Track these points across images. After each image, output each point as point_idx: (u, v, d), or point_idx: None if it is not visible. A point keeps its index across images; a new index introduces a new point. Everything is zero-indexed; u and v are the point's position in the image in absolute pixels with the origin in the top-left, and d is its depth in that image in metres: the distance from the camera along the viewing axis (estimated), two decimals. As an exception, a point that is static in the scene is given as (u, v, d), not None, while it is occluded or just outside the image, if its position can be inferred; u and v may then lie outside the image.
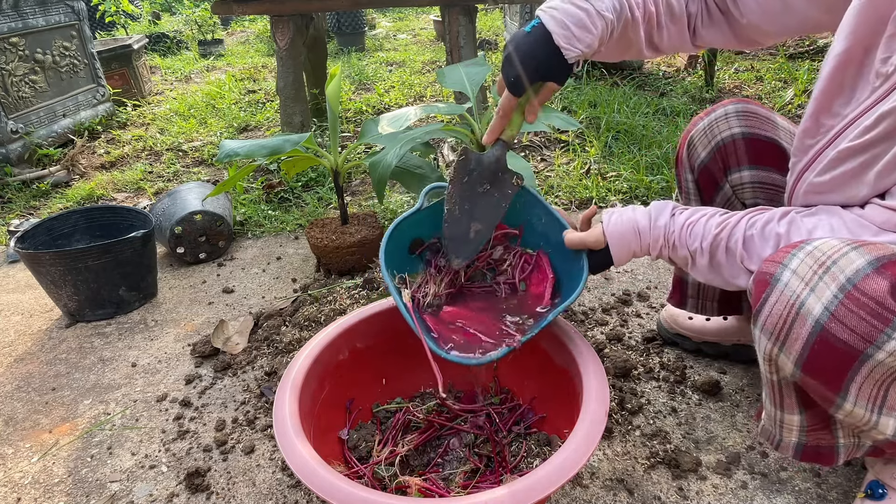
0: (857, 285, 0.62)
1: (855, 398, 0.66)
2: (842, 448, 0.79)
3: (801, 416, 0.78)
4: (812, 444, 0.80)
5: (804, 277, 0.65)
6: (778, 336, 0.68)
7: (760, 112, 1.03)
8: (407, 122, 1.37)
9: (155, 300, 1.68)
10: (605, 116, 2.62)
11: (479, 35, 5.04)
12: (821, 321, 0.64)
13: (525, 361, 1.08)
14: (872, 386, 0.65)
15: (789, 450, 0.81)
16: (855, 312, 0.62)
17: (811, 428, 0.79)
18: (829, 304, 0.63)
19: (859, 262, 0.63)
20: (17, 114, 2.63)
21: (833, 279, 0.63)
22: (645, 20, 0.91)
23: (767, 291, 0.69)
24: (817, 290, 0.64)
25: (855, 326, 0.62)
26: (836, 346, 0.64)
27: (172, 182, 2.52)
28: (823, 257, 0.65)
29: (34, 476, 1.11)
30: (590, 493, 0.99)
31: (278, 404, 0.88)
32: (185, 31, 5.69)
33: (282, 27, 2.38)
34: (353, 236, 1.63)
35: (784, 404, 0.79)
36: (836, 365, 0.65)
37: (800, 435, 0.80)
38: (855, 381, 0.65)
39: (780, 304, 0.67)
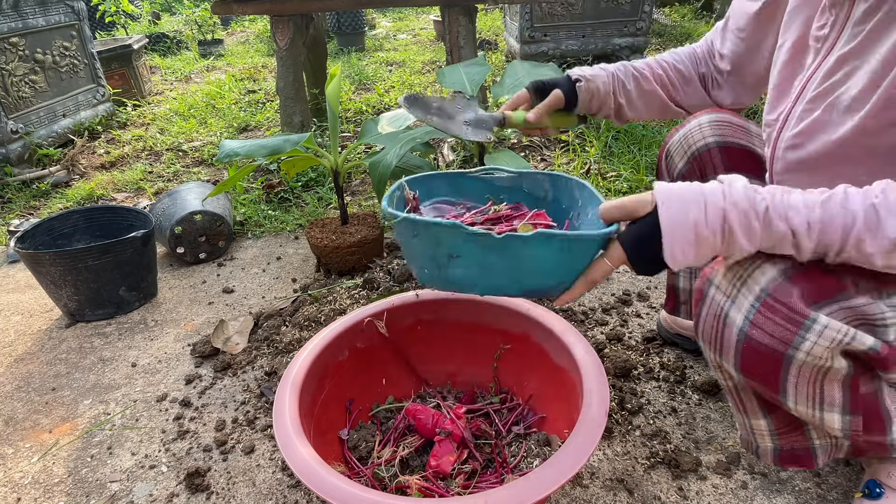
0: (770, 293, 0.66)
1: (794, 397, 0.70)
2: (818, 449, 0.81)
3: (767, 419, 0.82)
4: (787, 447, 0.82)
5: (725, 291, 0.70)
6: (714, 345, 0.74)
7: (734, 121, 1.05)
8: (407, 122, 1.38)
9: (155, 300, 1.68)
10: (605, 116, 2.62)
11: (479, 35, 5.04)
12: (743, 329, 0.68)
13: (525, 361, 1.09)
14: (807, 384, 0.69)
15: (768, 456, 0.84)
16: (770, 318, 0.66)
17: (781, 431, 0.82)
18: (747, 314, 0.68)
19: (771, 273, 0.67)
20: (17, 114, 2.63)
21: (749, 290, 0.68)
22: (657, 80, 1.05)
23: (700, 305, 0.74)
24: (737, 301, 0.69)
25: (773, 331, 0.66)
26: (761, 351, 0.68)
27: (172, 182, 2.52)
28: (741, 270, 0.69)
29: (34, 476, 1.11)
30: (590, 493, 0.99)
31: (278, 404, 0.88)
32: (185, 31, 5.69)
33: (282, 27, 2.38)
34: (353, 236, 1.63)
35: (747, 409, 0.83)
36: (767, 368, 0.69)
37: (773, 439, 0.83)
38: (789, 380, 0.69)
39: (710, 317, 0.73)
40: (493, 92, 1.52)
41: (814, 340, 0.65)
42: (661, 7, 5.31)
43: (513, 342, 1.10)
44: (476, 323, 1.12)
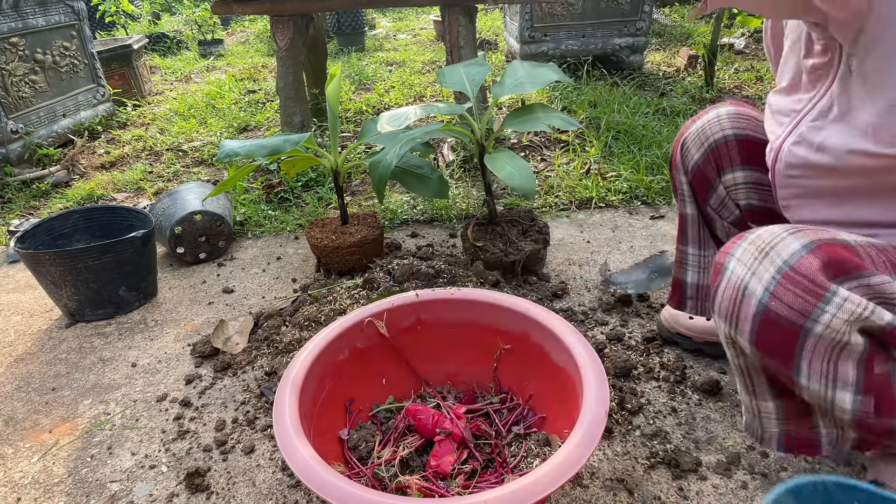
0: (793, 266, 0.68)
1: (808, 373, 0.71)
2: (824, 437, 0.81)
3: (776, 402, 0.82)
4: (793, 433, 0.82)
5: (747, 263, 0.72)
6: (730, 318, 0.74)
7: (753, 114, 1.05)
8: (407, 121, 1.38)
9: (155, 300, 1.68)
10: (605, 116, 2.62)
11: (479, 35, 5.04)
12: (763, 300, 0.70)
13: (525, 361, 1.09)
14: (821, 361, 0.70)
15: (773, 442, 0.84)
16: (791, 290, 0.68)
17: (787, 416, 0.82)
18: (768, 285, 0.69)
19: (795, 246, 0.69)
20: (17, 114, 2.63)
21: (771, 262, 0.70)
22: None
23: (719, 279, 0.76)
24: (758, 273, 0.70)
25: (792, 303, 0.68)
26: (779, 323, 0.69)
27: (172, 182, 2.52)
28: (763, 244, 0.72)
29: (34, 476, 1.11)
30: (590, 493, 0.99)
31: (278, 404, 0.88)
32: (185, 31, 5.69)
33: (282, 27, 2.38)
34: (353, 236, 1.63)
35: (756, 390, 0.82)
36: (783, 341, 0.70)
37: (779, 424, 0.82)
38: (804, 356, 0.70)
39: (728, 289, 0.74)
40: (493, 92, 1.52)
41: (833, 313, 0.66)
42: (661, 7, 5.31)
43: (513, 342, 1.10)
44: (476, 323, 1.12)
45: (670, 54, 3.95)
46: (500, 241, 1.58)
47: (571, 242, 1.82)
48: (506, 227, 1.62)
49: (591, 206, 2.05)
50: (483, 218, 1.66)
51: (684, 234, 1.20)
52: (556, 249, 1.78)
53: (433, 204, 2.09)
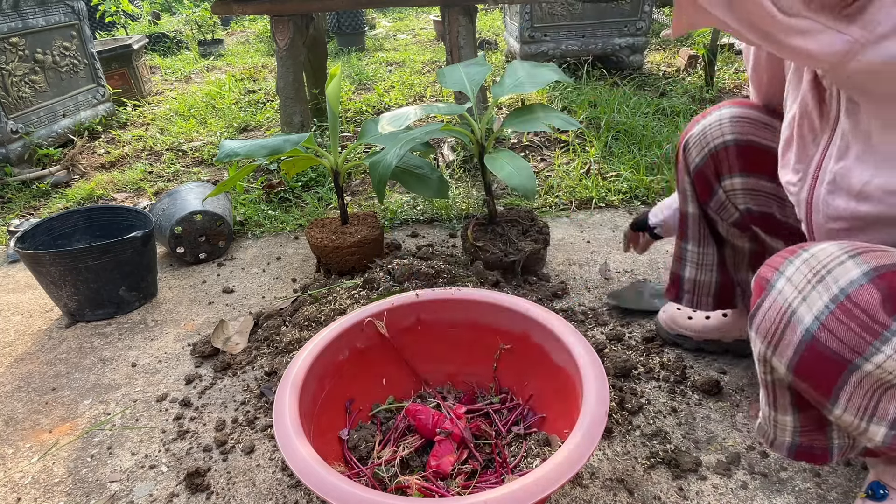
0: (850, 296, 0.62)
1: (845, 406, 0.67)
2: (836, 448, 0.80)
3: (795, 416, 0.79)
4: (806, 444, 0.81)
5: (798, 286, 0.66)
6: (770, 340, 0.70)
7: (757, 117, 1.02)
8: (407, 121, 1.38)
9: (155, 300, 1.68)
10: (605, 116, 2.62)
11: (479, 35, 5.04)
12: (811, 331, 0.64)
13: (525, 361, 1.09)
14: (863, 395, 0.65)
15: (783, 449, 0.83)
16: (845, 324, 0.62)
17: (805, 429, 0.80)
18: (819, 315, 0.64)
19: (854, 273, 0.63)
20: (17, 114, 2.63)
21: (826, 289, 0.64)
22: None
23: (763, 296, 0.70)
24: (809, 299, 0.65)
25: (844, 337, 0.62)
26: (825, 355, 0.64)
27: (172, 182, 2.52)
28: (819, 265, 0.65)
29: (34, 476, 1.11)
30: (590, 493, 0.99)
31: (278, 404, 0.88)
32: (185, 31, 5.69)
33: (282, 27, 2.38)
34: (353, 236, 1.63)
35: (778, 405, 0.80)
36: (826, 373, 0.65)
37: (793, 435, 0.81)
38: (845, 389, 0.65)
39: (773, 311, 0.69)
40: (493, 92, 1.52)
41: (889, 354, 0.61)
42: (661, 7, 5.31)
43: (513, 342, 1.10)
44: (476, 323, 1.12)
45: (670, 54, 3.95)
46: (500, 241, 1.58)
47: (571, 242, 1.82)
48: (506, 227, 1.63)
49: (591, 206, 2.05)
50: (483, 218, 1.66)
51: (685, 231, 1.19)
52: (556, 249, 1.78)
53: (433, 204, 2.09)
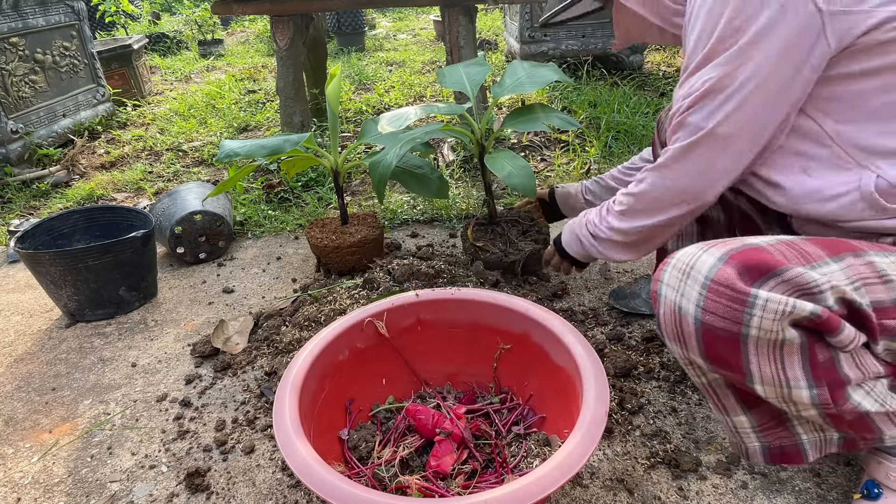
0: (713, 279, 0.71)
1: (761, 378, 0.72)
2: (807, 444, 0.82)
3: (749, 416, 0.83)
4: (776, 444, 0.83)
5: (675, 287, 0.76)
6: (678, 339, 0.77)
7: None
8: (407, 121, 1.37)
9: (155, 300, 1.68)
10: (605, 116, 2.62)
11: (479, 35, 5.04)
12: (697, 317, 0.73)
13: (525, 361, 1.09)
14: (768, 362, 0.72)
15: (758, 456, 0.85)
16: (718, 301, 0.71)
17: (763, 427, 0.83)
18: (698, 301, 0.73)
19: (710, 261, 0.73)
20: (17, 114, 2.63)
21: (694, 281, 0.73)
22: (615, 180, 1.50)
23: (658, 307, 0.79)
24: (686, 293, 0.74)
25: (724, 313, 0.71)
26: (718, 334, 0.72)
27: (172, 182, 2.52)
28: (684, 265, 0.76)
29: (34, 476, 1.11)
30: (590, 493, 0.99)
31: (278, 404, 0.88)
32: (185, 31, 5.69)
33: (282, 27, 2.38)
34: (353, 236, 1.63)
35: (726, 407, 0.84)
36: (728, 350, 0.72)
37: (758, 437, 0.83)
38: (751, 361, 0.72)
39: (667, 314, 0.77)
40: (493, 92, 1.52)
41: (760, 315, 0.68)
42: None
43: (513, 342, 1.10)
44: (476, 323, 1.12)
45: (670, 54, 3.95)
46: (500, 241, 1.58)
47: (571, 242, 1.82)
48: (506, 227, 1.62)
49: (591, 206, 2.05)
50: (483, 218, 1.66)
51: None
52: (556, 249, 1.78)
53: (433, 204, 2.09)
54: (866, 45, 0.78)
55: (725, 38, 0.85)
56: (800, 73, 0.82)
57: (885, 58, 0.78)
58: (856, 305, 0.70)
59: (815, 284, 0.69)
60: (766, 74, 0.83)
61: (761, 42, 0.82)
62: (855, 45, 0.78)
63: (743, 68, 0.85)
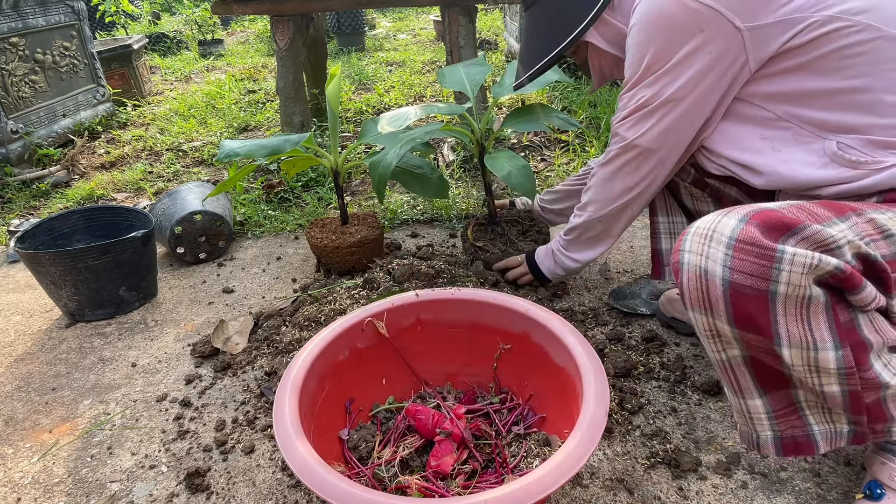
0: (738, 238, 0.72)
1: (789, 341, 0.73)
2: (818, 435, 0.82)
3: (763, 399, 0.83)
4: (787, 434, 0.83)
5: (698, 251, 0.77)
6: (703, 306, 0.77)
7: None
8: (407, 121, 1.38)
9: (155, 300, 1.68)
10: (605, 116, 2.62)
11: (479, 35, 5.04)
12: (725, 277, 0.73)
13: (525, 361, 1.09)
14: (796, 323, 0.72)
15: (769, 447, 0.84)
16: (746, 259, 0.71)
17: (777, 413, 0.82)
18: (724, 262, 0.73)
19: (732, 222, 0.74)
20: (17, 114, 2.63)
21: (719, 242, 0.74)
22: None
23: (680, 276, 0.79)
24: (710, 255, 0.75)
25: (752, 270, 0.71)
26: (747, 293, 0.72)
27: (172, 182, 2.52)
28: (706, 230, 0.77)
29: (34, 476, 1.11)
30: (590, 493, 0.99)
31: (278, 404, 0.88)
32: (185, 31, 5.70)
33: (282, 27, 2.38)
34: (353, 236, 1.63)
35: (742, 388, 0.83)
36: (757, 311, 0.72)
37: (771, 425, 0.83)
38: (779, 321, 0.72)
39: (692, 280, 0.77)
40: (493, 92, 1.52)
41: (789, 269, 0.69)
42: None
43: (513, 342, 1.10)
44: (476, 323, 1.12)
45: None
46: (500, 241, 1.59)
47: (571, 242, 1.82)
48: (506, 227, 1.63)
49: (591, 206, 2.05)
50: (483, 218, 1.66)
51: (653, 204, 1.32)
52: (556, 249, 1.78)
53: (433, 204, 2.09)
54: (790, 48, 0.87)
55: (655, 63, 0.99)
56: (718, 89, 0.95)
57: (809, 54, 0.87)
58: (871, 259, 0.72)
59: (832, 240, 0.71)
60: (687, 94, 0.97)
61: (685, 66, 0.96)
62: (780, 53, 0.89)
63: (667, 88, 0.99)
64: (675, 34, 0.94)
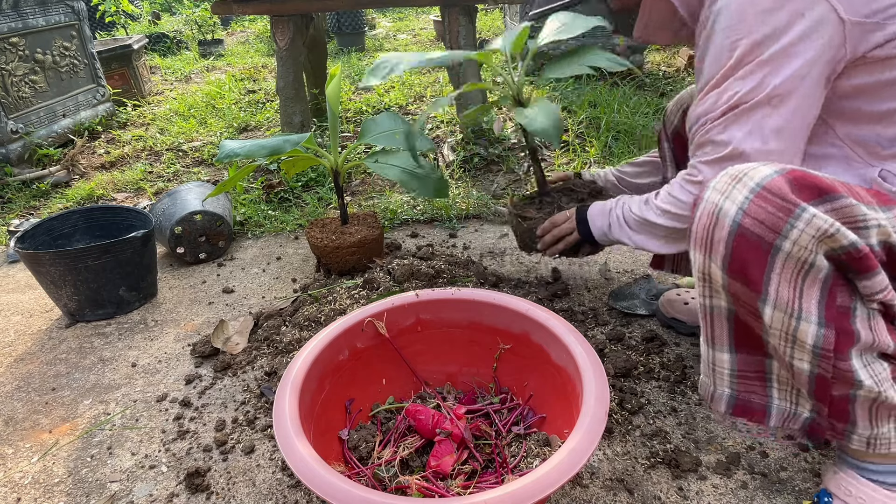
0: (765, 186, 0.71)
1: (774, 300, 0.72)
2: (775, 408, 0.82)
3: (732, 356, 0.83)
4: (743, 395, 0.83)
5: (722, 190, 0.75)
6: (704, 245, 0.77)
7: None
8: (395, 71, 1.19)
9: (155, 300, 1.68)
10: (605, 116, 2.62)
11: (479, 35, 5.04)
12: (736, 219, 0.72)
13: (525, 361, 1.09)
14: (788, 285, 0.71)
15: (721, 403, 0.85)
16: (763, 207, 0.70)
17: (742, 374, 0.83)
18: (742, 205, 0.72)
19: (767, 171, 0.72)
20: (17, 114, 2.63)
21: (745, 185, 0.73)
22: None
23: (696, 210, 0.78)
24: (731, 195, 0.74)
25: (764, 219, 0.70)
26: (751, 241, 0.71)
27: (172, 182, 2.52)
28: (738, 172, 0.75)
29: (34, 476, 1.11)
30: (590, 493, 0.99)
31: (278, 404, 0.88)
32: (185, 31, 5.70)
33: (282, 27, 2.38)
34: (353, 236, 1.63)
35: (715, 338, 0.83)
36: (754, 261, 0.72)
37: (731, 383, 0.83)
38: (772, 279, 0.71)
39: (704, 216, 0.76)
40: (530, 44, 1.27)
41: (801, 228, 0.68)
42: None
43: (513, 342, 1.10)
44: (476, 323, 1.12)
45: (670, 54, 3.95)
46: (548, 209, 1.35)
47: (571, 242, 1.82)
48: (556, 196, 1.38)
49: (591, 206, 2.04)
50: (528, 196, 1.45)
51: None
52: (556, 249, 1.78)
53: (433, 204, 2.09)
54: (872, 59, 0.80)
55: (752, 50, 0.83)
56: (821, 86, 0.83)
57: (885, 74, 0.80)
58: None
59: (863, 218, 0.69)
60: (795, 87, 0.82)
61: (790, 55, 0.81)
62: (865, 58, 0.80)
63: (770, 80, 0.83)
64: (775, 18, 0.81)
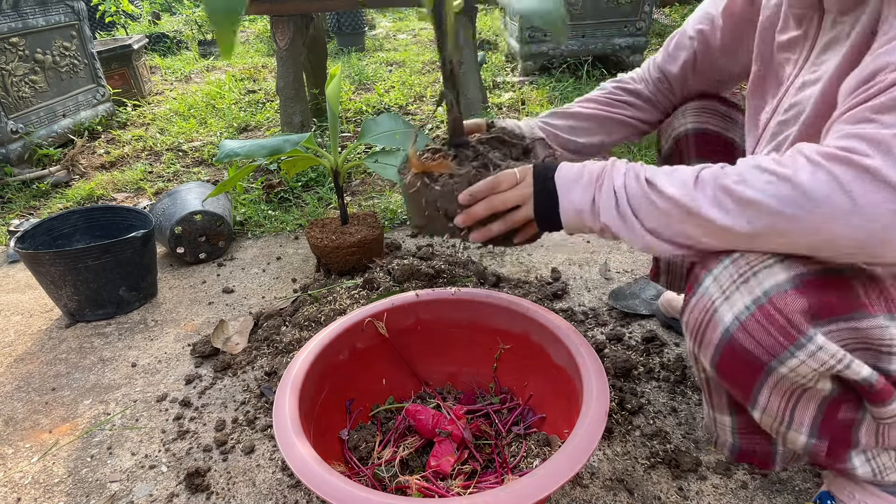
0: (773, 299, 0.62)
1: (764, 408, 0.68)
2: (779, 454, 0.82)
3: (732, 418, 0.82)
4: (747, 446, 0.83)
5: (722, 286, 0.66)
6: (695, 337, 0.71)
7: (719, 108, 1.09)
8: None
9: (155, 300, 1.68)
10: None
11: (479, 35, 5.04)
12: (730, 329, 0.65)
13: (525, 361, 1.09)
14: (780, 400, 0.67)
15: (726, 449, 0.85)
16: (763, 327, 0.62)
17: (743, 431, 0.82)
18: (739, 314, 0.64)
19: (780, 276, 0.62)
20: (17, 114, 2.63)
21: (749, 291, 0.63)
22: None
23: (692, 293, 0.71)
24: (731, 299, 0.65)
25: (761, 340, 0.63)
26: (742, 357, 0.65)
27: (172, 182, 2.52)
28: (746, 267, 0.64)
29: (34, 476, 1.11)
30: (590, 493, 0.99)
31: (278, 404, 0.88)
32: (185, 31, 5.69)
33: (282, 27, 2.38)
34: (353, 236, 1.63)
35: (715, 404, 0.83)
36: (744, 374, 0.66)
37: (733, 436, 0.83)
38: (762, 392, 0.67)
39: (698, 308, 0.69)
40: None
41: (802, 359, 0.61)
42: (661, 7, 5.31)
43: (513, 342, 1.10)
44: (476, 323, 1.12)
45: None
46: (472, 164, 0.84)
47: (572, 242, 1.82)
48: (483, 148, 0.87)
49: (591, 206, 2.04)
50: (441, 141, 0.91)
51: None
52: (556, 249, 1.78)
53: (433, 204, 2.09)
54: None
55: None
56: None
57: None
58: None
59: (889, 344, 0.61)
60: None
61: None
62: None
63: None
64: None
